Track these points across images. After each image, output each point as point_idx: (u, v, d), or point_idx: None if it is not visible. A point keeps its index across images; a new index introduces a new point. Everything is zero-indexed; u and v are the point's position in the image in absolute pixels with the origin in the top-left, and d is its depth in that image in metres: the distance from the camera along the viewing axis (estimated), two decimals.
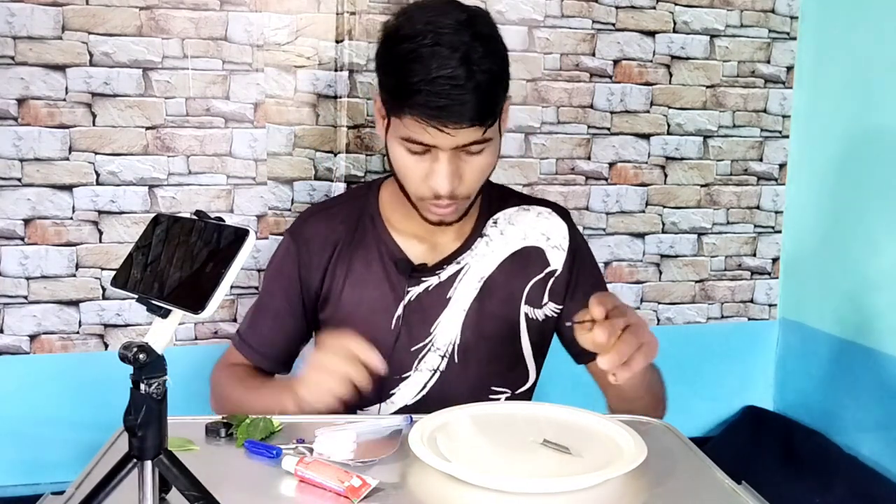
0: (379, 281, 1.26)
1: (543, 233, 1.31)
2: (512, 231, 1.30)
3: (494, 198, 1.31)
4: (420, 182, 1.14)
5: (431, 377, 1.26)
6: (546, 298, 1.30)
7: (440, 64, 1.05)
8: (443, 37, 1.06)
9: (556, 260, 1.30)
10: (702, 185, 2.01)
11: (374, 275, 1.26)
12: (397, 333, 1.25)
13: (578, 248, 1.33)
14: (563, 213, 1.35)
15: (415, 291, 1.25)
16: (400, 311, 1.25)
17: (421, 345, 1.26)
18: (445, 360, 1.26)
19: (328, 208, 1.32)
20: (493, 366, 1.29)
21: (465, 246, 1.28)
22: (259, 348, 1.29)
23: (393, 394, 1.26)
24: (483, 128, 1.09)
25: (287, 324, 1.29)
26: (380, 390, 1.24)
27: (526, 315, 1.29)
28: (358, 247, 1.27)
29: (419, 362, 1.26)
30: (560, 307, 1.31)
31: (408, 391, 1.26)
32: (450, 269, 1.26)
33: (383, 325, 1.25)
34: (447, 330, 1.26)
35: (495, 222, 1.30)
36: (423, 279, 1.25)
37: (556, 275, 1.30)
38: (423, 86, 1.05)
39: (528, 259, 1.29)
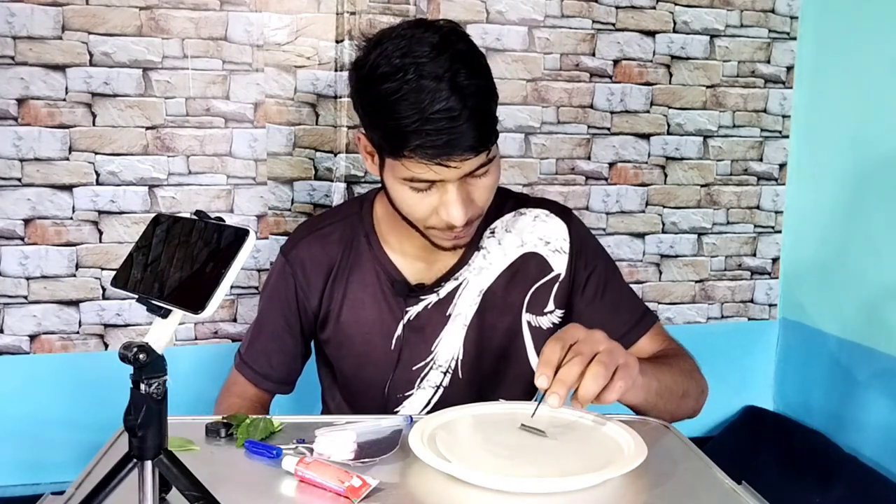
0: (377, 302, 1.24)
1: (542, 237, 1.27)
2: (509, 239, 1.27)
3: (490, 205, 1.24)
4: (428, 216, 1.11)
5: (434, 394, 1.25)
6: (551, 305, 1.27)
7: (431, 98, 1.00)
8: (424, 67, 1.01)
9: (559, 264, 1.27)
10: (702, 185, 2.01)
11: (372, 296, 1.24)
12: (398, 353, 1.23)
13: (582, 245, 1.29)
14: (564, 212, 1.30)
15: (414, 310, 1.23)
16: (399, 331, 1.23)
17: (423, 363, 1.24)
18: (448, 376, 1.25)
19: (320, 228, 1.27)
20: (498, 379, 1.27)
21: (463, 261, 1.25)
22: (259, 370, 1.28)
23: (396, 412, 1.25)
24: (487, 150, 1.07)
25: (286, 344, 1.28)
26: (383, 409, 1.24)
27: (529, 324, 1.27)
28: (354, 268, 1.24)
29: (421, 380, 1.25)
30: (563, 311, 1.28)
31: (411, 409, 1.25)
32: (448, 286, 1.24)
33: (383, 345, 1.23)
34: (448, 346, 1.24)
35: (492, 232, 1.27)
36: (422, 297, 1.23)
37: (559, 279, 1.27)
38: (418, 126, 1.01)
39: (527, 267, 1.26)
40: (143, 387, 0.72)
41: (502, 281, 1.25)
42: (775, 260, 2.09)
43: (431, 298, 1.24)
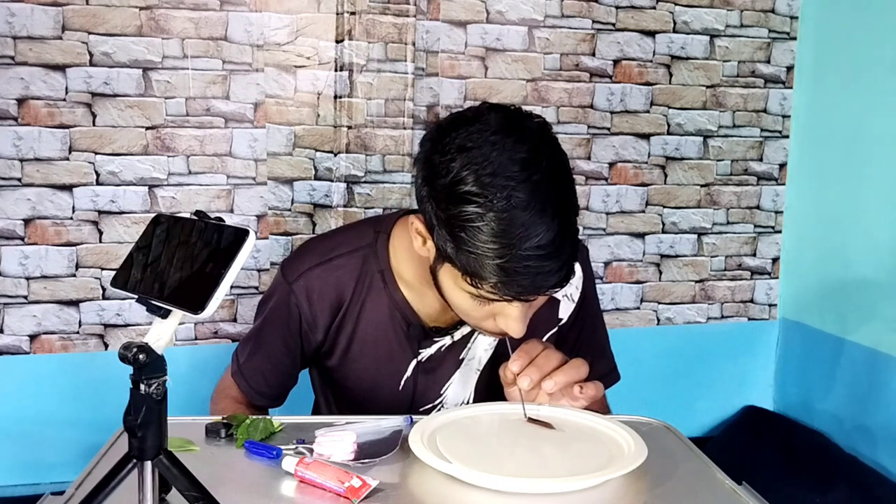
0: (389, 341, 1.17)
1: None
2: None
3: None
4: (482, 321, 1.04)
5: None
6: None
7: (522, 233, 0.90)
8: (514, 193, 0.91)
9: (566, 311, 1.23)
10: (702, 185, 2.01)
11: (384, 335, 1.17)
12: (410, 394, 1.19)
13: (587, 292, 1.24)
14: (583, 254, 1.23)
15: (426, 353, 1.18)
16: (409, 371, 1.19)
17: (430, 405, 1.20)
18: None
19: (330, 260, 1.17)
20: None
21: None
22: (255, 386, 1.24)
23: None
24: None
25: (284, 366, 1.24)
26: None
27: None
28: (366, 305, 1.17)
29: None
30: None
31: None
32: (465, 329, 1.17)
33: (391, 384, 1.19)
34: (459, 391, 1.20)
35: None
36: (436, 339, 1.18)
37: (560, 324, 1.23)
38: (504, 263, 0.91)
39: (544, 313, 1.17)
40: (142, 387, 0.72)
41: None
42: (775, 260, 2.09)
43: (445, 341, 1.18)
